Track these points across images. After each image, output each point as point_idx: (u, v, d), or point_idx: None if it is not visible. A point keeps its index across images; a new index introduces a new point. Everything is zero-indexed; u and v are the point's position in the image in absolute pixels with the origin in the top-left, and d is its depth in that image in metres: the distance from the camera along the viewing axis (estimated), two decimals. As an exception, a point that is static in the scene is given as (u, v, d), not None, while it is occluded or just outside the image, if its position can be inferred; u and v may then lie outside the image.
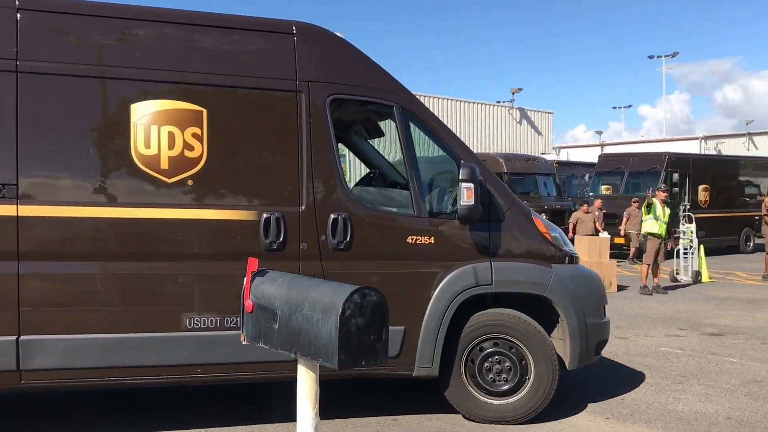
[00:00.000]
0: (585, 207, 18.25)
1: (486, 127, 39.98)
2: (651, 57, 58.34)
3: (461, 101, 38.89)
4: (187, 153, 5.19)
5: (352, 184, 6.93)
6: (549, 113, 44.97)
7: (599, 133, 65.52)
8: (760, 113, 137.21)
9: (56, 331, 4.95)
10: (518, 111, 42.21)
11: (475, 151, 6.92)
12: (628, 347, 8.98)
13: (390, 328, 5.04)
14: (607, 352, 8.61)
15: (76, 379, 5.09)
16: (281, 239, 5.31)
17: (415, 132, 5.91)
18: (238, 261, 4.80)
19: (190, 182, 5.21)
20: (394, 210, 5.86)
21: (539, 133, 43.53)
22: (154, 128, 5.13)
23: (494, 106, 41.20)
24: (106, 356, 5.01)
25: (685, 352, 8.60)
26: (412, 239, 5.64)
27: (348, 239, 5.46)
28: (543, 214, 24.89)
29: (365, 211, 5.63)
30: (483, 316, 5.83)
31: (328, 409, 5.61)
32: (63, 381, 5.09)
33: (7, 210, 4.84)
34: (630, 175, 23.65)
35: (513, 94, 42.29)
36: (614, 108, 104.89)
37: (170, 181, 5.16)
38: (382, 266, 5.58)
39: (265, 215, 5.30)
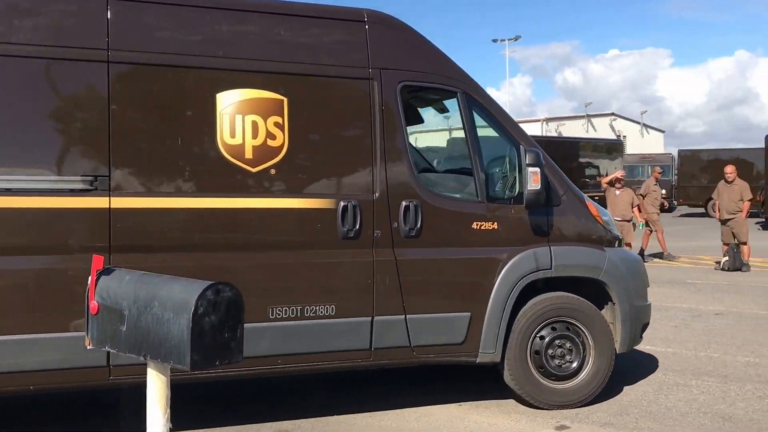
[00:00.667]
0: None
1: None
2: (495, 41, 59.51)
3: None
4: (269, 142, 5.19)
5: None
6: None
7: (447, 117, 66.97)
8: (598, 95, 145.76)
9: None
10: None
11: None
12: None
13: (456, 314, 5.68)
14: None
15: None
16: (357, 227, 5.35)
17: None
18: (317, 249, 5.30)
19: (273, 171, 5.20)
20: (459, 196, 5.92)
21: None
22: (239, 117, 5.12)
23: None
24: None
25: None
26: (477, 225, 5.73)
27: (419, 226, 5.51)
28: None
29: (434, 198, 5.67)
30: (546, 300, 5.94)
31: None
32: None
33: (100, 202, 4.76)
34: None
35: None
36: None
37: (254, 170, 5.15)
38: (449, 253, 5.66)
39: (342, 203, 5.32)
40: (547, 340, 5.90)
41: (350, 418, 5.76)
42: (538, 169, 5.68)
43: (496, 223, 5.79)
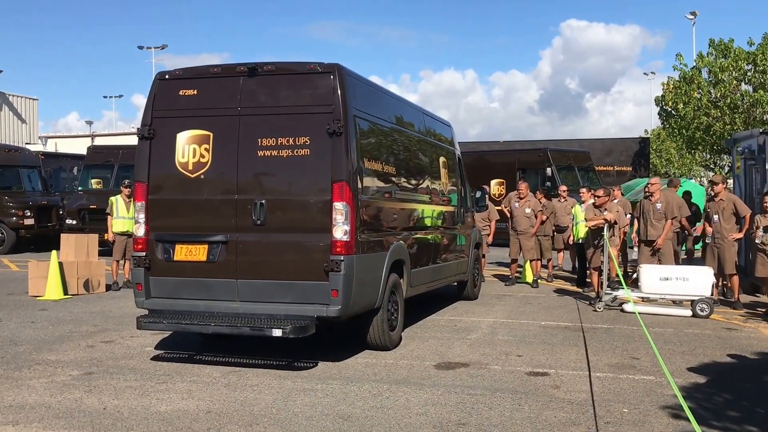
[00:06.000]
0: None
1: (-41, 112, 35.92)
2: (141, 48, 58.65)
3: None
4: (452, 181, 12.67)
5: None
6: (34, 99, 42.38)
7: (89, 123, 64.16)
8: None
9: None
10: (-2, 95, 38.82)
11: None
12: (113, 350, 8.90)
13: (466, 259, 13.34)
14: (87, 358, 8.41)
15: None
16: (460, 219, 13.07)
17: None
18: (454, 228, 12.58)
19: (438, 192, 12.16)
20: (470, 206, 13.80)
21: (23, 121, 40.66)
22: (443, 170, 12.09)
23: (-31, 88, 37.24)
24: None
25: (170, 352, 8.81)
26: (468, 217, 13.65)
27: (469, 219, 13.83)
28: (27, 210, 23.43)
29: (470, 207, 14.03)
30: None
31: None
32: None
33: None
34: (120, 168, 23.37)
35: (-8, 76, 38.81)
36: (105, 97, 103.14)
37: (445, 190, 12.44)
38: (470, 231, 13.68)
39: (458, 209, 12.92)
40: None
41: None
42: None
43: (470, 217, 13.47)
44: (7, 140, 37.16)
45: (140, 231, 8.29)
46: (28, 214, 23.48)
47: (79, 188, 24.75)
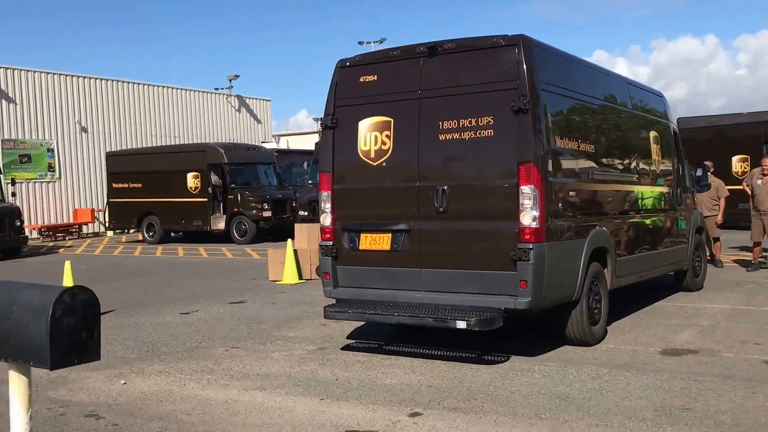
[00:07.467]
0: None
1: (204, 116, 39.46)
2: (361, 43, 60.30)
3: (178, 89, 37.99)
4: (663, 160, 11.29)
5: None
6: (267, 101, 45.42)
7: (317, 120, 67.74)
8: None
9: None
10: (237, 98, 42.13)
11: (194, 141, 7.06)
12: (343, 329, 9.53)
13: (683, 246, 11.76)
14: (320, 335, 9.06)
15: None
16: (677, 201, 11.53)
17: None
18: (672, 212, 11.45)
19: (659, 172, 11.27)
20: (688, 185, 12.39)
21: (258, 121, 43.84)
22: (654, 146, 10.90)
23: (212, 93, 40.77)
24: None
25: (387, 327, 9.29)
26: (687, 198, 12.36)
27: (688, 201, 12.36)
28: (265, 204, 25.37)
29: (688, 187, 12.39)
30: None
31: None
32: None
33: None
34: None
35: (230, 81, 42.02)
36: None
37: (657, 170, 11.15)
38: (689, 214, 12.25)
39: (674, 189, 11.51)
40: None
41: (224, 418, 5.95)
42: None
43: (689, 198, 12.16)
44: (245, 140, 40.31)
45: (327, 221, 8.28)
46: (266, 207, 25.40)
47: (309, 182, 26.40)
